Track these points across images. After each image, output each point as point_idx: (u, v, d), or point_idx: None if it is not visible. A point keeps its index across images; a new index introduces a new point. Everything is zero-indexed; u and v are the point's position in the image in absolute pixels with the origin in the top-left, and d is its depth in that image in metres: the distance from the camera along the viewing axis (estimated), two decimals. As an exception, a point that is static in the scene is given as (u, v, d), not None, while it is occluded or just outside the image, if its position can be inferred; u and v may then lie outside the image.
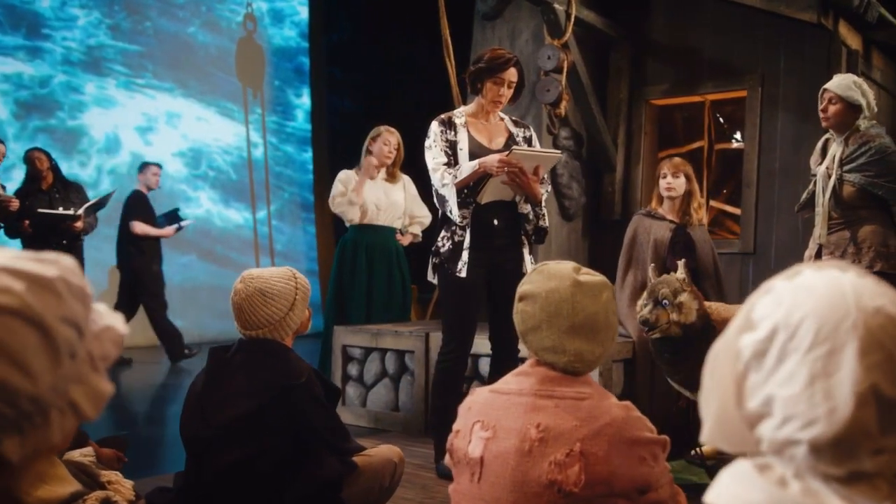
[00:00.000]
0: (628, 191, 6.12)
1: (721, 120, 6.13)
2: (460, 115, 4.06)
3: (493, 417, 2.06)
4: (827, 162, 4.19)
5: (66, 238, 6.56)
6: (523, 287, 2.11)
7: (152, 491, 2.87)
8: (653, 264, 3.77)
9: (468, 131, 4.01)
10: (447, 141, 3.95)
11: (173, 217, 8.25)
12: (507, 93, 3.96)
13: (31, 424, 0.99)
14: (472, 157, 3.92)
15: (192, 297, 9.94)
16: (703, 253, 4.58)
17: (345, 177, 5.48)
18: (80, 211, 6.57)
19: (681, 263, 3.54)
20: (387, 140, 5.41)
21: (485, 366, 4.64)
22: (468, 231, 3.91)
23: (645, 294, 3.56)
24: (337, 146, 11.18)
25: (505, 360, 4.09)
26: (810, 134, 5.36)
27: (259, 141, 10.87)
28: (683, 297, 3.38)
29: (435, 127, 4.00)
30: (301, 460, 2.78)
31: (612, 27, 6.03)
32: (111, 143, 9.57)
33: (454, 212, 3.87)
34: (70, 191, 6.82)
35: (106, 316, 1.10)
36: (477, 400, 2.13)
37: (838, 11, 5.21)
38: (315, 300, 11.33)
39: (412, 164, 5.48)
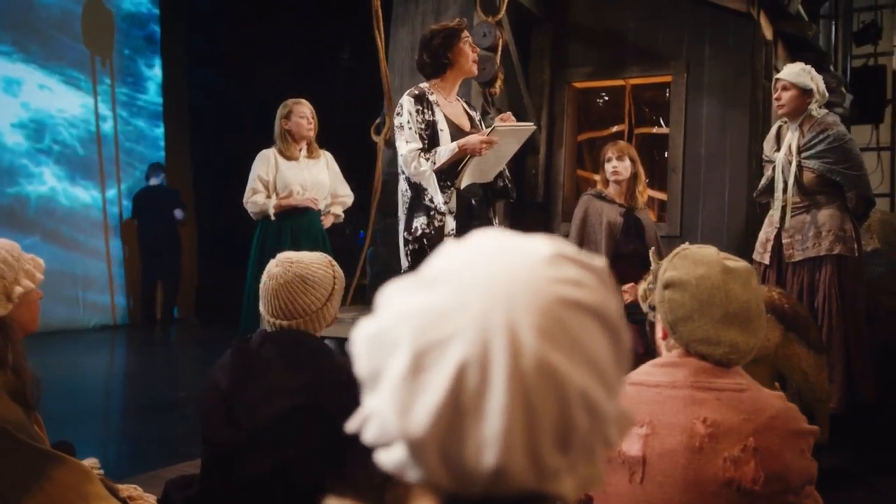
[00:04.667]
0: (551, 173, 6.08)
1: (642, 104, 6.21)
2: (430, 91, 3.83)
3: (645, 412, 1.91)
4: (784, 149, 4.30)
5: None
6: (668, 274, 1.97)
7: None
8: (652, 248, 3.73)
9: (442, 111, 3.81)
10: (424, 122, 3.71)
11: None
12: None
13: (584, 458, 0.75)
14: (453, 139, 3.75)
15: (36, 282, 9.01)
16: (650, 236, 4.69)
17: (265, 168, 4.98)
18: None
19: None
20: (301, 112, 4.97)
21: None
22: (450, 216, 3.72)
23: (650, 277, 3.51)
24: (198, 121, 10.50)
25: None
26: (735, 120, 5.52)
27: (108, 114, 10.01)
28: (688, 280, 3.35)
29: (409, 105, 3.73)
30: (342, 464, 2.53)
31: (537, 7, 5.95)
32: (-60, 110, 8.52)
33: (437, 199, 3.68)
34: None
35: None
36: (617, 393, 1.97)
37: (762, 1, 5.38)
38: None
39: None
